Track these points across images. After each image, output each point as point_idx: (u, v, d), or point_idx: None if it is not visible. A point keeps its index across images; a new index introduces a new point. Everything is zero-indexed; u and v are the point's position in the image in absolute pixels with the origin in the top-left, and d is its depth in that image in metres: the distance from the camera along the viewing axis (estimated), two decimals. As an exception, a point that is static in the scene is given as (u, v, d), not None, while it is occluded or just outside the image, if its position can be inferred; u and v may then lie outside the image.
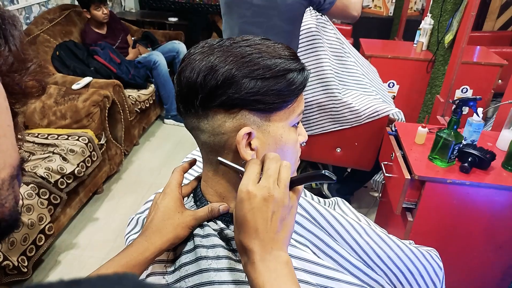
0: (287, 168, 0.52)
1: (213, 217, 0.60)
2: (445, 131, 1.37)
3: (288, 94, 0.54)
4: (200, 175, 0.65)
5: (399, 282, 0.73)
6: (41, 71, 0.34)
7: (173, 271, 0.60)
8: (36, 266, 1.84)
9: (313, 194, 0.84)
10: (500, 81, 2.27)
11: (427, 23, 2.56)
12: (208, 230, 0.60)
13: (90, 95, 2.31)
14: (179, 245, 0.61)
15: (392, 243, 0.73)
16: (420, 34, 2.65)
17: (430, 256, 0.77)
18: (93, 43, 2.90)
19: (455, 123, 1.34)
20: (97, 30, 2.98)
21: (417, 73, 2.54)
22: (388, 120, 1.80)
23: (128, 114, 2.61)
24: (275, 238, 0.50)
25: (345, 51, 1.89)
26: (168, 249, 0.60)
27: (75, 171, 2.02)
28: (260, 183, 0.51)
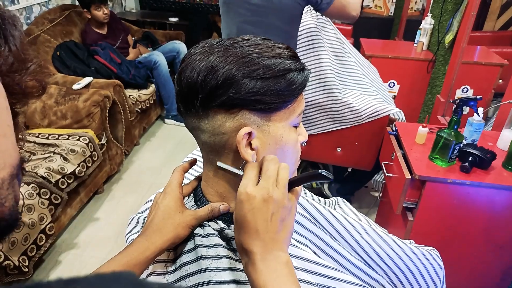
0: (285, 169, 0.52)
1: (213, 216, 0.60)
2: (445, 131, 1.37)
3: (288, 94, 0.54)
4: (201, 175, 0.65)
5: (400, 282, 0.73)
6: (41, 71, 0.34)
7: (174, 270, 0.60)
8: (37, 266, 1.84)
9: (313, 194, 0.84)
10: (500, 81, 2.27)
11: (427, 23, 2.56)
12: (209, 229, 0.60)
13: (90, 95, 2.31)
14: (179, 245, 0.61)
15: (393, 242, 0.73)
16: (421, 34, 2.65)
17: (431, 256, 0.77)
18: (93, 43, 2.90)
19: (456, 123, 1.33)
20: (97, 30, 2.98)
21: (418, 73, 2.54)
22: (388, 120, 1.80)
23: (129, 114, 2.62)
24: (275, 239, 0.50)
25: (345, 51, 1.89)
26: (169, 248, 0.60)
27: (76, 171, 2.02)
28: (259, 185, 0.51)
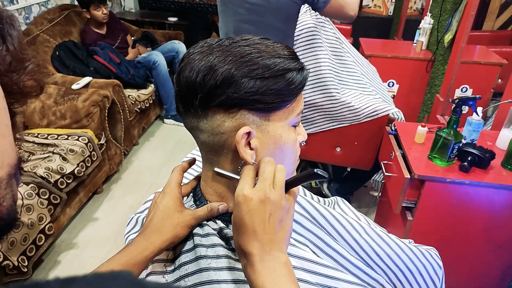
0: (282, 171, 0.53)
1: (212, 216, 0.60)
2: (444, 130, 1.37)
3: (287, 94, 0.54)
4: (200, 174, 0.65)
5: (399, 281, 0.73)
6: (39, 70, 0.34)
7: (173, 270, 0.60)
8: (36, 266, 1.84)
9: (312, 193, 0.84)
10: (499, 80, 2.27)
11: (426, 22, 2.56)
12: (208, 229, 0.60)
13: (89, 95, 2.31)
14: (178, 244, 0.61)
15: (392, 242, 0.73)
16: (420, 34, 2.65)
17: (430, 255, 0.77)
18: (92, 43, 2.90)
19: (455, 122, 1.34)
20: (96, 30, 2.98)
21: (417, 73, 2.54)
22: (387, 119, 1.80)
23: (128, 114, 2.61)
24: (273, 239, 0.50)
25: (345, 50, 1.89)
26: (168, 248, 0.60)
27: (75, 171, 2.02)
28: (256, 186, 0.51)
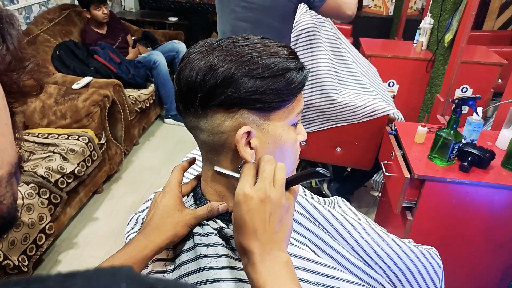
0: (282, 169, 0.52)
1: (212, 216, 0.60)
2: (444, 130, 1.37)
3: (287, 93, 0.54)
4: (200, 174, 0.65)
5: (399, 281, 0.73)
6: (38, 70, 0.34)
7: (173, 269, 0.60)
8: (36, 266, 1.84)
9: (312, 193, 0.84)
10: (499, 80, 2.27)
11: (427, 22, 2.56)
12: (208, 229, 0.60)
13: (90, 95, 2.31)
14: (179, 244, 0.61)
15: (392, 242, 0.73)
16: (420, 34, 2.65)
17: (430, 255, 0.77)
18: (93, 43, 2.90)
19: (455, 122, 1.33)
20: (97, 30, 2.98)
21: (417, 73, 2.54)
22: (388, 119, 1.80)
23: (128, 113, 2.61)
24: (273, 239, 0.50)
25: (345, 50, 1.89)
26: (167, 247, 0.60)
27: (75, 171, 2.02)
28: (256, 185, 0.51)
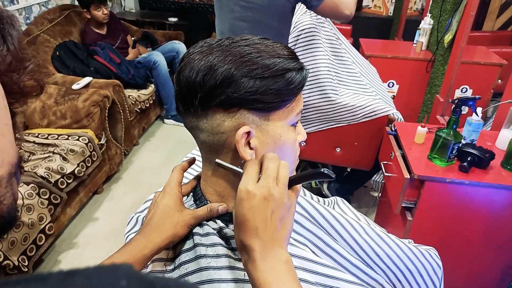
0: (285, 167, 0.52)
1: (212, 217, 0.60)
2: (444, 130, 1.37)
3: (287, 93, 0.54)
4: (200, 174, 0.65)
5: (398, 281, 0.73)
6: (39, 70, 0.34)
7: (173, 269, 0.60)
8: (36, 266, 1.84)
9: (312, 193, 0.84)
10: (499, 80, 2.27)
11: (426, 23, 2.56)
12: (208, 228, 0.60)
13: (90, 95, 2.31)
14: (178, 244, 0.62)
15: (391, 242, 0.73)
16: (420, 34, 2.65)
17: (429, 255, 0.77)
18: (93, 43, 2.90)
19: (455, 123, 1.34)
20: (97, 30, 2.98)
21: (417, 73, 2.54)
22: (387, 119, 1.80)
23: (128, 114, 2.62)
24: (274, 237, 0.50)
25: (344, 51, 1.89)
26: (167, 247, 0.60)
27: (75, 171, 2.02)
28: (260, 183, 0.51)
